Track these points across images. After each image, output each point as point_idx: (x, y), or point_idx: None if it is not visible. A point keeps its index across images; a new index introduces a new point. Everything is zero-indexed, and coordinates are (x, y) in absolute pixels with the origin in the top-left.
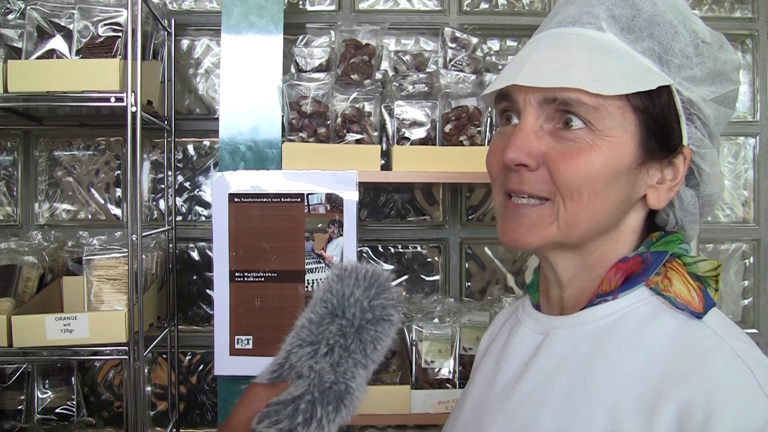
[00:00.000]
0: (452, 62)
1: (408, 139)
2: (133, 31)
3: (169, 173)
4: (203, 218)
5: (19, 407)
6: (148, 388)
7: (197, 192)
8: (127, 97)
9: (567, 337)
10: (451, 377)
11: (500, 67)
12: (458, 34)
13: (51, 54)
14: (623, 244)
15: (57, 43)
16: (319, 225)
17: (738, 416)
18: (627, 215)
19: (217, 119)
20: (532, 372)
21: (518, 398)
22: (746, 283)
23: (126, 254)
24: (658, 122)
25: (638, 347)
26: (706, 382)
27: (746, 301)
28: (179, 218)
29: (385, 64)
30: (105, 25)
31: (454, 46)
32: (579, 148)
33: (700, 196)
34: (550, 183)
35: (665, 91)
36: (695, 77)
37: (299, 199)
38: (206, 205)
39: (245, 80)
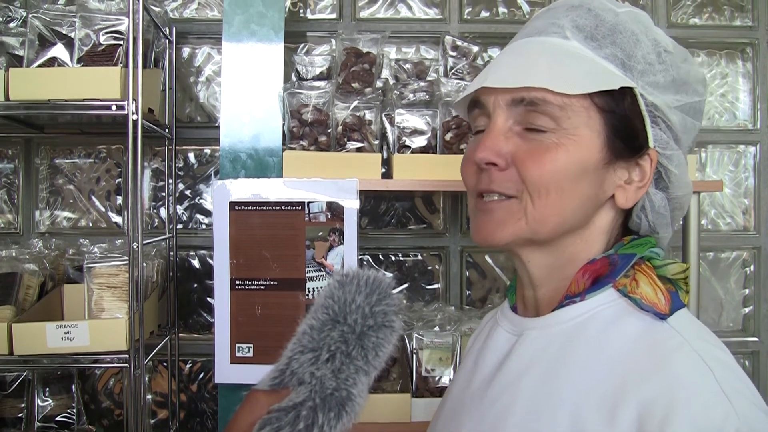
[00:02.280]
0: (453, 70)
1: (409, 147)
2: (135, 39)
3: (170, 181)
4: (204, 226)
5: (20, 415)
6: (149, 396)
7: (198, 200)
8: (128, 105)
9: (538, 338)
10: None
11: None
12: (459, 43)
13: (52, 62)
14: (593, 245)
15: (58, 51)
16: (320, 233)
17: (696, 415)
18: (596, 214)
19: (217, 127)
20: (504, 372)
21: (490, 397)
22: (747, 291)
23: (127, 262)
24: (623, 122)
25: (603, 348)
26: (666, 381)
27: (747, 309)
28: (180, 226)
29: (385, 73)
30: (106, 33)
31: (454, 54)
32: (546, 147)
33: (670, 199)
34: (519, 182)
35: (629, 94)
36: (658, 83)
37: (300, 207)
38: (207, 213)
39: (246, 88)
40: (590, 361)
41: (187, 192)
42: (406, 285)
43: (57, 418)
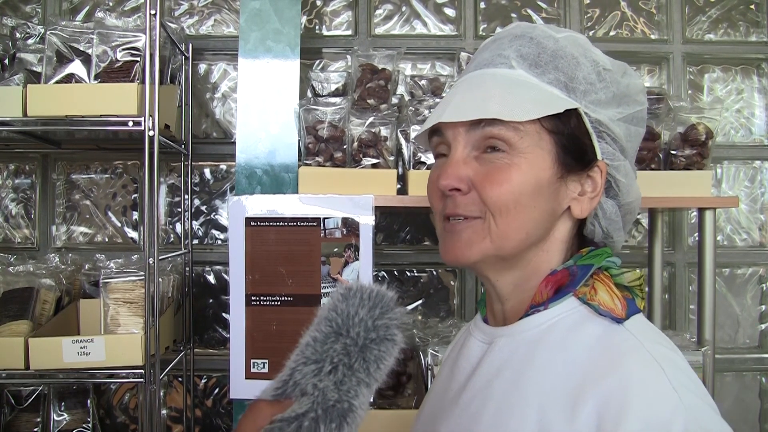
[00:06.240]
0: None
1: (424, 163)
2: (151, 55)
3: (186, 197)
4: (220, 242)
5: (35, 429)
6: (164, 412)
7: (214, 216)
8: (144, 121)
9: (506, 345)
10: None
11: None
12: None
13: (70, 78)
14: (554, 255)
15: (76, 67)
16: (336, 249)
17: (648, 408)
18: (555, 227)
19: (233, 143)
20: (476, 377)
21: (464, 401)
22: (763, 307)
23: (143, 277)
24: (571, 141)
25: (565, 351)
26: (621, 379)
27: (763, 326)
28: (196, 242)
29: (401, 89)
30: (123, 49)
31: None
32: (499, 168)
33: (621, 205)
34: (480, 203)
35: (574, 114)
36: (600, 100)
37: (315, 224)
38: (223, 229)
39: (262, 104)
40: (553, 364)
41: (203, 208)
42: (420, 301)
43: None
